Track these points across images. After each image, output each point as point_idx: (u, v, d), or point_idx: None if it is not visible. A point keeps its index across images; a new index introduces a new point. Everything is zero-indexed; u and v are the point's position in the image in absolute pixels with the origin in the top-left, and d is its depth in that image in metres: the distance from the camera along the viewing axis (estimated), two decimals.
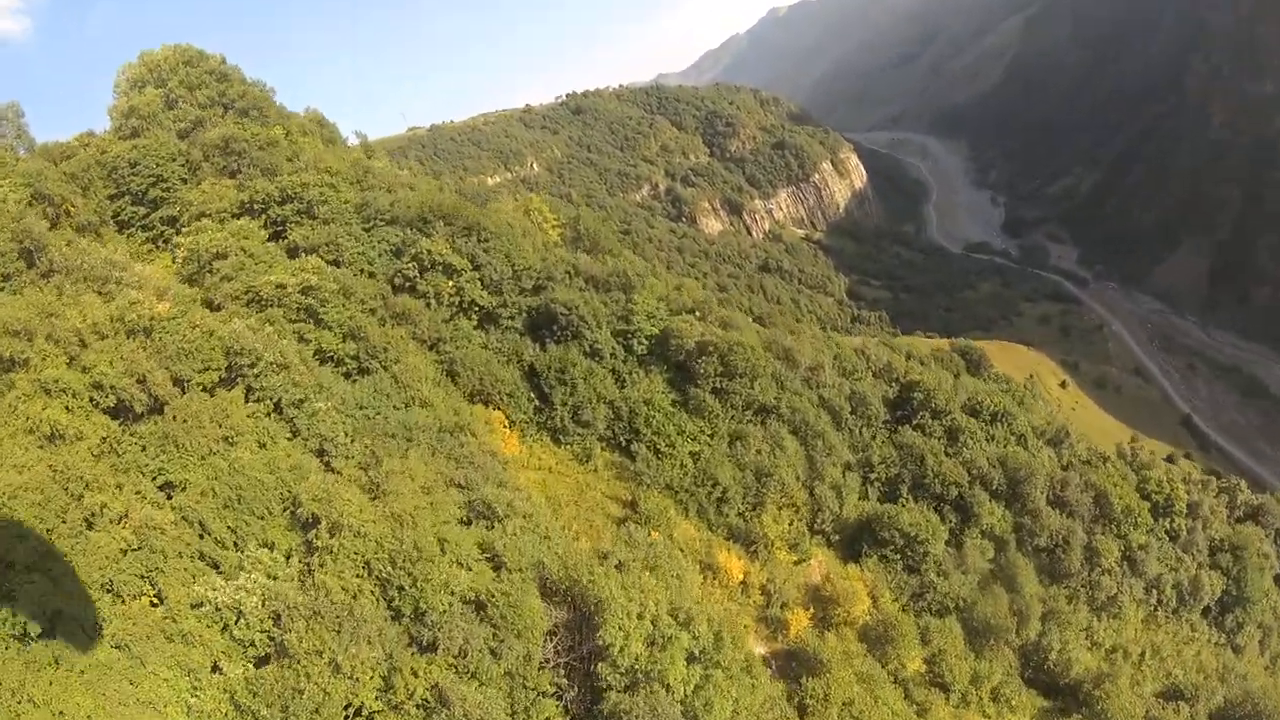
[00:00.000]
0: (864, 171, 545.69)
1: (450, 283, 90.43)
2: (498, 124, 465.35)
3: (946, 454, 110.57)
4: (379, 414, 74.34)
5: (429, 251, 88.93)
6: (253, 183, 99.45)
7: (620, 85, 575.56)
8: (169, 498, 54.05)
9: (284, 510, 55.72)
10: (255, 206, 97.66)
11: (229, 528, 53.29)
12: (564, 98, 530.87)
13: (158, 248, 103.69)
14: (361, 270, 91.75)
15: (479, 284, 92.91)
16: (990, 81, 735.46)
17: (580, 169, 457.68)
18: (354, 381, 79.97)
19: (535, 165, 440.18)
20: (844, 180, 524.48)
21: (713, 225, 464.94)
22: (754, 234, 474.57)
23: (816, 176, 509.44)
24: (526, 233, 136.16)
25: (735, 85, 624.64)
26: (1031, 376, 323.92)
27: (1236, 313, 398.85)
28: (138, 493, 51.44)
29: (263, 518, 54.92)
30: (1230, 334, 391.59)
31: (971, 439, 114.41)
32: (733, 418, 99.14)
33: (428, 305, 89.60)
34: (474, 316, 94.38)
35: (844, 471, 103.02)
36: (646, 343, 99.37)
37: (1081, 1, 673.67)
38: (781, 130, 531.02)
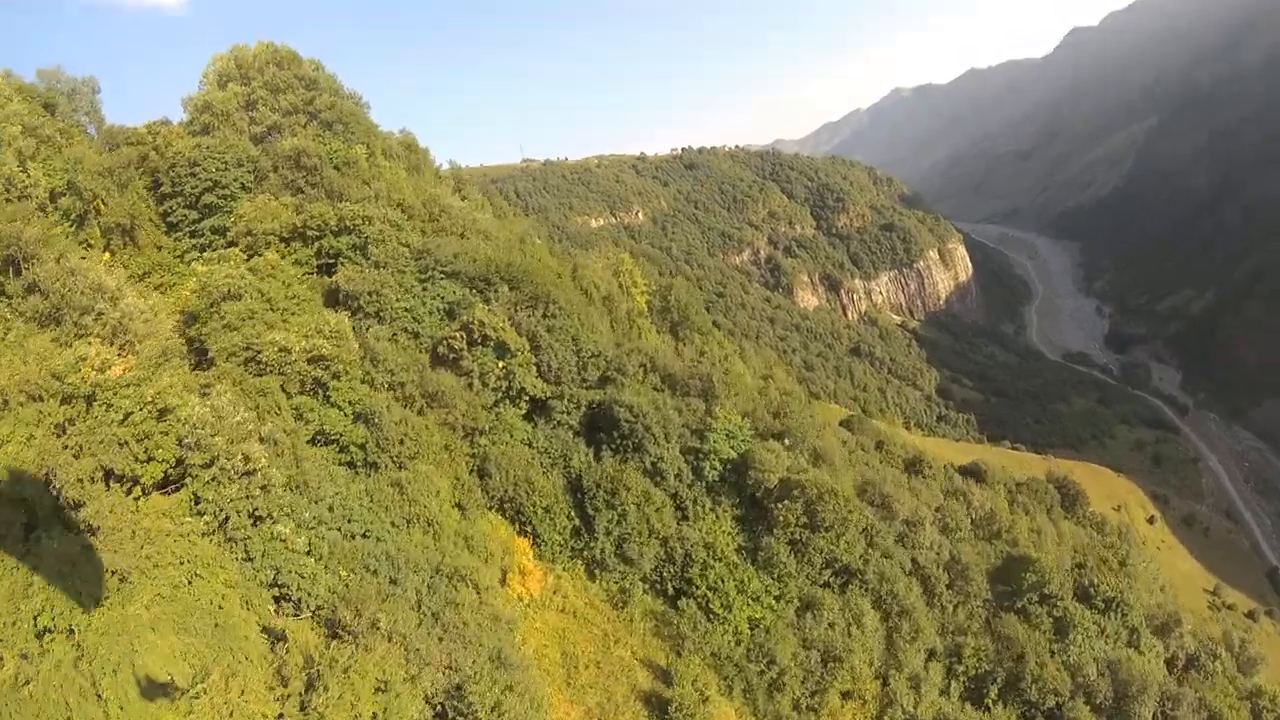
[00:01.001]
0: (969, 264, 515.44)
1: (500, 364, 72.37)
2: (610, 168, 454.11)
3: (1051, 651, 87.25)
4: (368, 533, 56.36)
5: (481, 323, 71.01)
6: (312, 205, 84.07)
7: (736, 146, 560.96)
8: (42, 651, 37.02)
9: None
10: (309, 232, 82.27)
11: None
12: (679, 151, 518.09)
13: (203, 259, 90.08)
14: (405, 329, 74.64)
15: (534, 370, 74.72)
16: (1108, 187, 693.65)
17: (684, 224, 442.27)
18: (357, 473, 62.64)
19: (641, 214, 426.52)
20: (948, 271, 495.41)
21: (809, 299, 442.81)
22: (849, 314, 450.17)
23: (921, 263, 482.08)
24: (609, 299, 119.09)
25: (850, 160, 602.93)
26: (1120, 508, 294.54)
27: None
28: None
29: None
30: None
31: (1083, 635, 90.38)
32: (808, 577, 77.93)
33: (470, 386, 71.63)
34: (523, 404, 76.15)
35: (927, 660, 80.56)
36: (720, 468, 79.26)
37: (1217, 116, 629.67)
38: (891, 212, 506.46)
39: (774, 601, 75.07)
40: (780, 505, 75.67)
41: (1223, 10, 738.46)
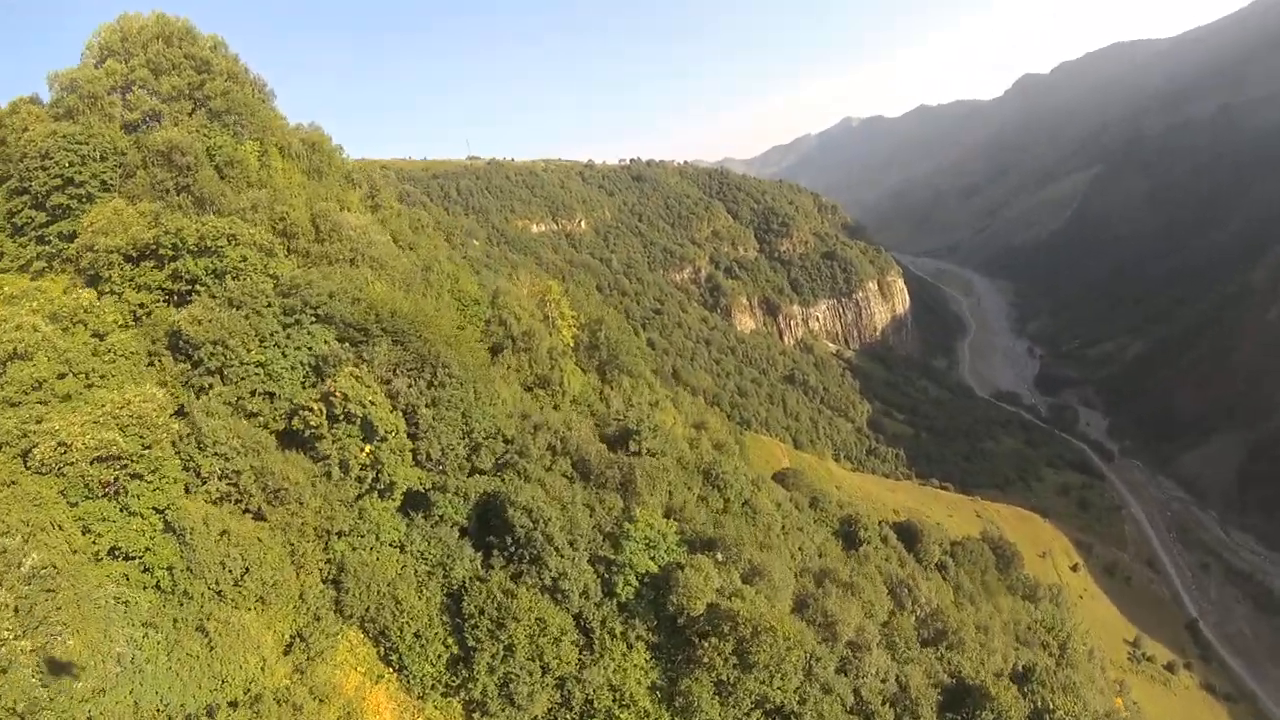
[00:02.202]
0: (907, 298, 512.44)
1: (366, 450, 56.64)
2: (556, 173, 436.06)
3: None
4: (165, 704, 40.66)
5: (344, 396, 55.15)
6: (171, 217, 66.73)
7: (685, 162, 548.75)
8: None
9: None
10: (162, 250, 65.08)
11: None
12: (628, 162, 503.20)
13: (53, 268, 72.18)
14: (254, 392, 58.21)
15: (410, 456, 59.08)
16: (1049, 230, 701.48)
17: (627, 236, 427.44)
18: (168, 600, 46.69)
19: (584, 223, 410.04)
20: (886, 303, 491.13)
21: (746, 322, 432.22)
22: (786, 339, 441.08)
23: (860, 294, 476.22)
24: (529, 336, 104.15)
25: (797, 185, 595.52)
26: (1045, 555, 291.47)
27: (1261, 518, 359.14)
28: None
29: None
30: (1250, 538, 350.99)
31: None
32: (734, 718, 64.30)
33: (328, 475, 55.92)
34: (397, 495, 60.52)
35: None
36: (636, 584, 64.92)
37: (1160, 168, 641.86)
38: (834, 240, 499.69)
39: None
40: (707, 644, 61.67)
41: (1170, 65, 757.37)
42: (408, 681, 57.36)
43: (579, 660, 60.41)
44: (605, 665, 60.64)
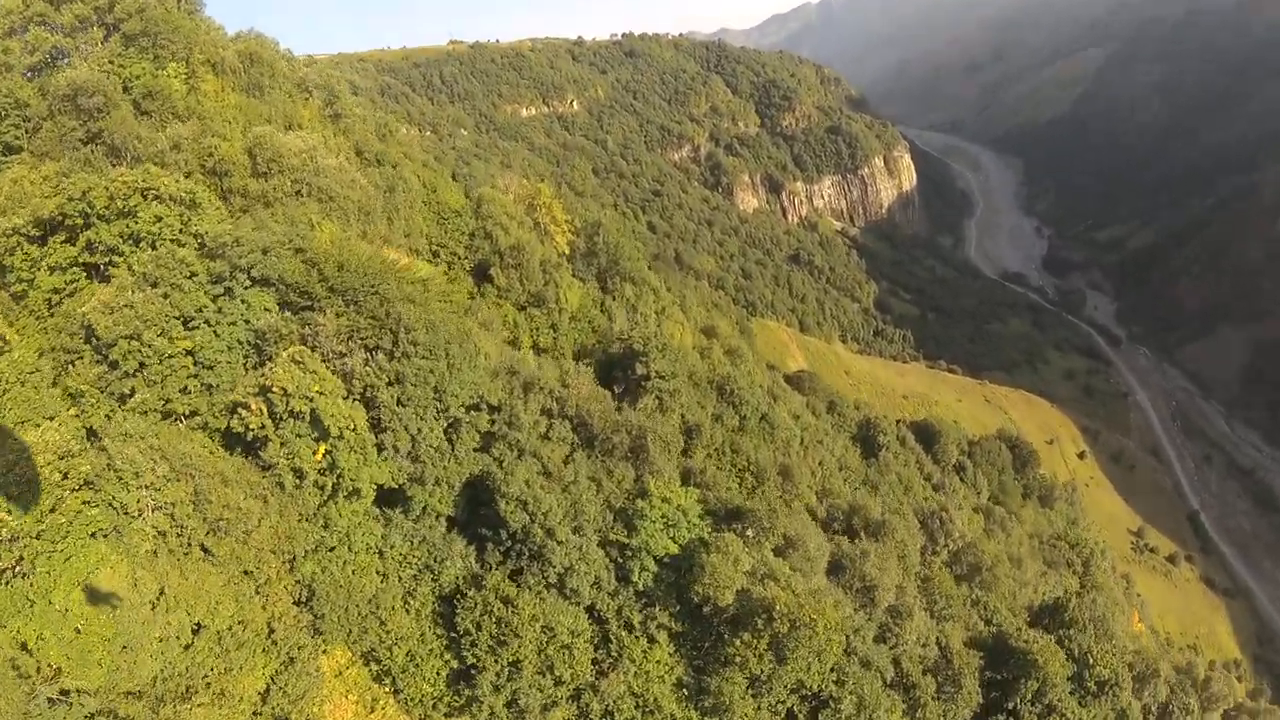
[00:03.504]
0: (914, 174, 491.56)
1: (320, 450, 46.50)
2: (544, 52, 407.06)
3: None
4: None
5: (285, 391, 44.67)
6: (75, 177, 54.13)
7: (680, 34, 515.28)
8: None
9: None
10: (70, 220, 53.01)
11: None
12: (619, 37, 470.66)
13: None
14: (185, 389, 47.23)
15: (375, 451, 49.02)
16: (1058, 109, 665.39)
17: (622, 115, 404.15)
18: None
19: (575, 104, 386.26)
20: (893, 180, 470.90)
21: (749, 201, 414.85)
22: (789, 217, 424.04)
23: (866, 170, 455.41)
24: (518, 251, 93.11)
25: (798, 56, 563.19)
26: (1053, 442, 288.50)
27: (1266, 416, 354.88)
28: None
29: None
30: (1255, 434, 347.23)
31: None
32: (768, 709, 57.24)
33: (281, 485, 46.18)
34: (367, 494, 50.73)
35: None
36: (655, 568, 56.49)
37: (1174, 52, 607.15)
38: (838, 114, 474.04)
39: None
40: (738, 640, 53.66)
41: None
42: (406, 704, 49.73)
43: (595, 666, 52.64)
44: (624, 669, 52.83)
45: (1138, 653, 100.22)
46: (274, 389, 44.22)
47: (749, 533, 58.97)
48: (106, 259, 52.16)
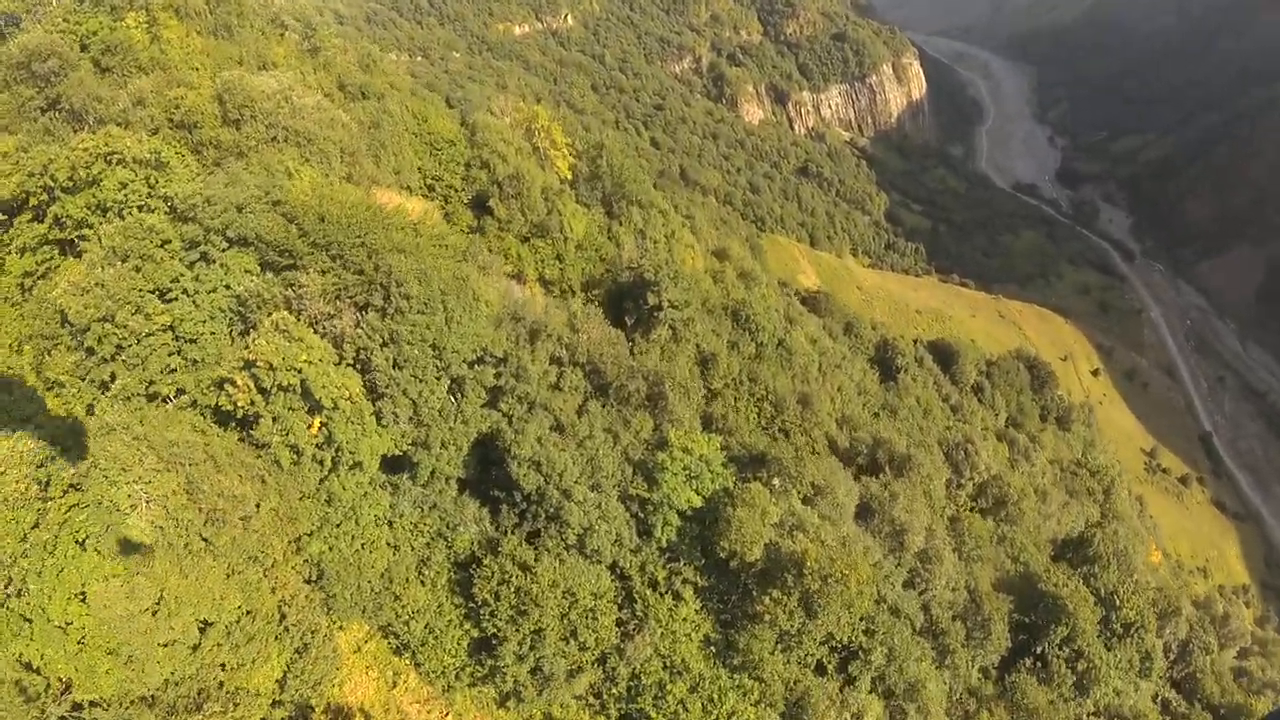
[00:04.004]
0: (924, 81, 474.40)
1: (315, 424, 43.00)
2: None
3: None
4: None
5: (269, 365, 40.92)
6: (38, 149, 49.67)
7: None
8: None
9: None
10: (35, 198, 48.84)
11: None
12: None
13: None
14: (168, 368, 43.69)
15: (374, 420, 45.47)
16: (1071, 14, 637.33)
17: (618, 28, 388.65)
18: None
19: (569, 18, 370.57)
20: (902, 88, 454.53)
21: (754, 112, 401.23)
22: (797, 128, 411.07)
23: (874, 78, 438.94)
24: (516, 180, 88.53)
25: None
26: (1067, 358, 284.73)
27: None
28: None
29: None
30: (1269, 356, 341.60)
31: (1102, 683, 72.00)
32: (798, 661, 55.46)
33: (277, 464, 42.98)
34: (372, 464, 47.48)
35: None
36: (678, 522, 53.87)
37: None
38: (844, 20, 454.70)
39: (752, 710, 52.63)
40: (767, 596, 51.37)
41: None
42: (428, 676, 47.86)
43: (620, 628, 50.56)
44: (650, 631, 50.75)
45: (1159, 589, 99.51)
46: (258, 363, 40.69)
47: (775, 481, 56.16)
48: (76, 233, 48.19)
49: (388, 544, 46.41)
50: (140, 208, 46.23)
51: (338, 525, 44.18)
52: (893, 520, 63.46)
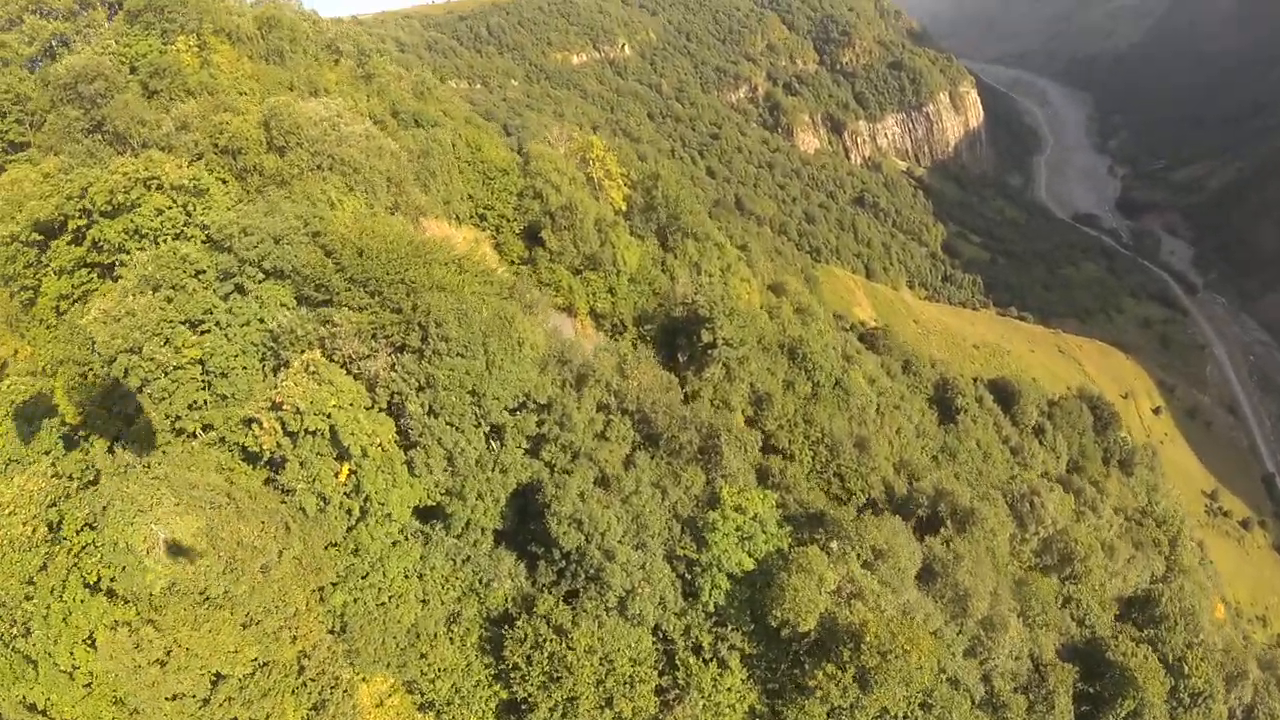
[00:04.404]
0: (980, 110, 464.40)
1: (344, 471, 40.17)
2: None
3: None
4: None
5: (296, 409, 38.22)
6: (79, 172, 48.23)
7: None
8: None
9: None
10: (74, 222, 47.20)
11: None
12: None
13: None
14: (195, 404, 40.73)
15: (405, 470, 42.34)
16: (1129, 40, 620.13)
17: (675, 58, 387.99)
18: None
19: (627, 47, 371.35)
20: (959, 116, 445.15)
21: (809, 141, 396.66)
22: (853, 158, 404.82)
23: (930, 107, 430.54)
24: (569, 211, 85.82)
25: None
26: (1128, 395, 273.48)
27: None
28: None
29: None
30: None
31: None
32: None
33: (302, 510, 40.15)
34: (400, 517, 44.15)
35: None
36: (727, 584, 49.76)
37: None
38: (900, 48, 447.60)
39: None
40: (820, 671, 46.92)
41: None
42: None
43: (659, 697, 46.59)
44: (692, 702, 46.64)
45: (1227, 651, 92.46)
46: (285, 405, 38.00)
47: (834, 545, 51.68)
48: (114, 258, 46.38)
49: (416, 598, 43.24)
50: (177, 235, 44.24)
51: (364, 576, 41.18)
52: (956, 584, 58.38)
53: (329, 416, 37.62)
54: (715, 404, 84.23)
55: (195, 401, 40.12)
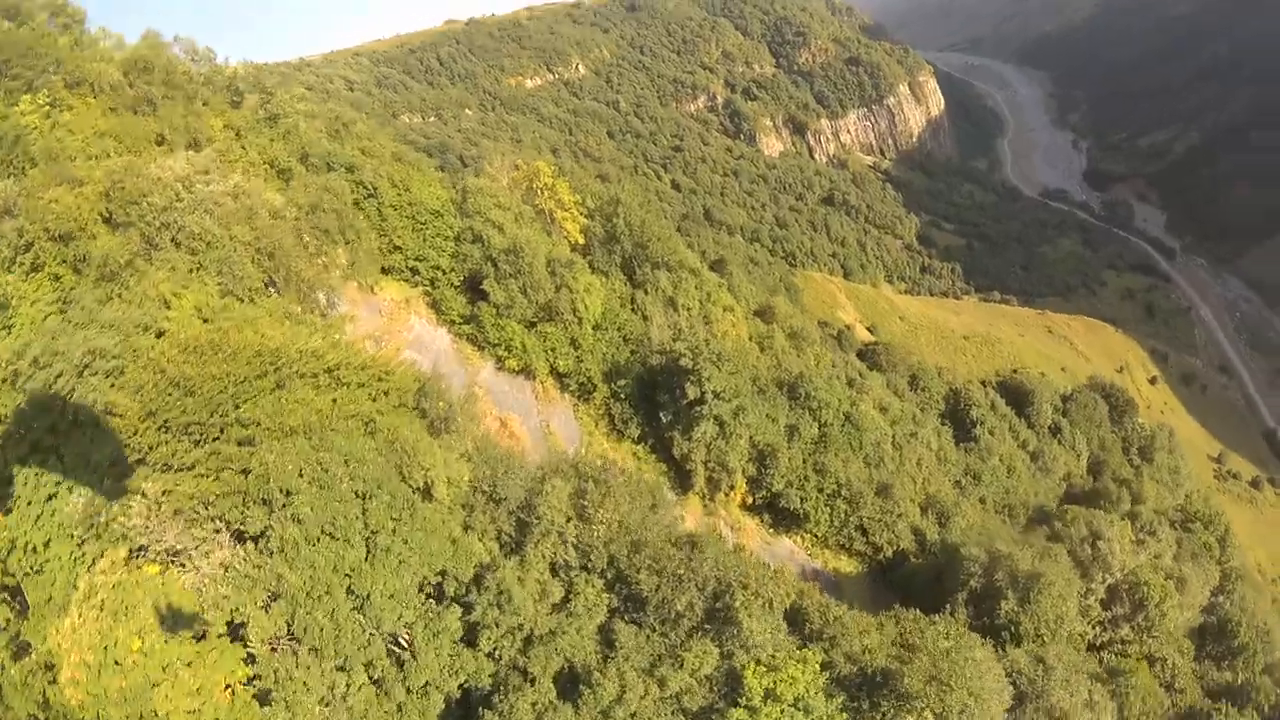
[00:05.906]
0: (941, 98, 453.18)
1: None
2: (543, 19, 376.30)
3: None
4: None
5: (85, 663, 22.54)
6: None
7: None
8: None
9: None
10: None
11: None
12: None
13: None
14: None
15: None
16: (1082, 13, 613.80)
17: (631, 73, 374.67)
18: None
19: (581, 67, 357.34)
20: (920, 106, 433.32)
21: (773, 145, 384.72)
22: (818, 157, 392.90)
23: (891, 99, 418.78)
24: (514, 255, 71.35)
25: None
26: (1123, 369, 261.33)
27: None
28: None
29: None
30: None
31: None
32: None
33: None
34: None
35: None
36: None
37: None
38: (856, 44, 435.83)
39: None
40: None
41: None
42: None
43: None
44: None
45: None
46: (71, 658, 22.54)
47: (883, 707, 36.06)
48: None
49: None
50: None
51: None
52: (1051, 709, 43.15)
53: (121, 666, 22.12)
54: (709, 469, 69.97)
55: None
